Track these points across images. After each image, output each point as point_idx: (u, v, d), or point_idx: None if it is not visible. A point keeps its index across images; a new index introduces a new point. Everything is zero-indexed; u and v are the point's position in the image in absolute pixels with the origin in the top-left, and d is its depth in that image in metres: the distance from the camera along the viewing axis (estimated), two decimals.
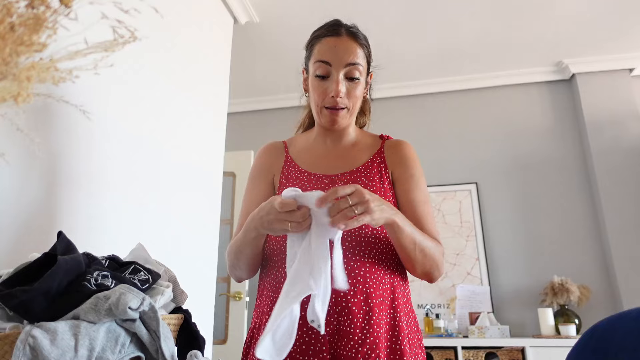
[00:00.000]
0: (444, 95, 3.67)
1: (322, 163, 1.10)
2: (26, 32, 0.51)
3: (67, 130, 1.18)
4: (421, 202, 1.05)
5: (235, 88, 3.49)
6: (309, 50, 1.09)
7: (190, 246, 1.86)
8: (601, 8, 2.79)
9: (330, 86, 1.02)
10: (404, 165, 1.08)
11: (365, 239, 0.96)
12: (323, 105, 1.05)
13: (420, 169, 1.10)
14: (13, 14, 0.50)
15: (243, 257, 1.01)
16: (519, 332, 3.02)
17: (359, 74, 1.03)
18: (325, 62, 1.02)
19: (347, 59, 1.02)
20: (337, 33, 1.04)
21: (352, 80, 1.03)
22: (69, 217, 1.17)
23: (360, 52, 1.04)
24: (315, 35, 1.08)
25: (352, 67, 1.02)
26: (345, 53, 1.02)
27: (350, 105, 1.05)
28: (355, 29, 1.07)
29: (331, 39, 1.03)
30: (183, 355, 0.77)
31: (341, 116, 1.05)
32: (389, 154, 1.10)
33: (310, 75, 1.07)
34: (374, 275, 0.95)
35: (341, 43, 1.03)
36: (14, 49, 0.50)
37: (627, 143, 3.19)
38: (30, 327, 0.55)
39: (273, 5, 2.67)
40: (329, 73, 1.03)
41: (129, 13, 0.63)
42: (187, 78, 1.96)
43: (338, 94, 1.01)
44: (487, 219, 3.32)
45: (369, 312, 0.92)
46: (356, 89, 1.04)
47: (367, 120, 1.24)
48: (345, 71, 1.02)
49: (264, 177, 1.13)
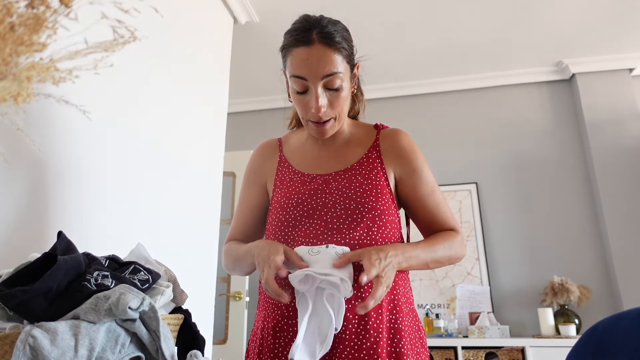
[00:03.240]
0: (444, 95, 3.67)
1: (315, 163, 1.07)
2: (26, 32, 0.51)
3: (67, 130, 1.18)
4: (429, 195, 1.03)
5: (235, 88, 3.49)
6: (283, 58, 0.99)
7: (190, 246, 1.86)
8: (601, 8, 2.79)
9: (311, 101, 0.94)
10: (404, 159, 1.04)
11: (359, 242, 0.94)
12: (307, 119, 0.99)
13: (420, 158, 1.06)
14: (13, 14, 0.50)
15: (239, 269, 1.06)
16: (519, 332, 3.02)
17: (340, 81, 0.94)
18: (299, 77, 0.93)
19: (323, 71, 0.92)
20: (307, 41, 0.92)
21: (333, 90, 0.95)
22: (69, 217, 1.17)
23: (338, 57, 0.93)
24: (285, 43, 0.97)
25: (329, 78, 0.93)
26: (319, 65, 0.91)
27: (336, 114, 0.99)
28: (330, 27, 0.94)
29: (302, 50, 0.92)
30: (183, 355, 0.77)
31: (329, 127, 0.99)
32: (384, 147, 1.05)
33: (289, 87, 1.00)
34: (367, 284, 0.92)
35: (313, 54, 0.91)
36: (14, 49, 0.50)
37: (627, 143, 3.19)
38: (30, 327, 0.55)
39: (273, 5, 2.67)
40: (306, 87, 0.94)
41: (129, 13, 0.63)
42: (186, 78, 1.96)
43: (319, 110, 0.94)
44: (487, 219, 3.32)
45: (364, 317, 0.90)
46: (339, 97, 0.96)
47: (360, 107, 1.16)
48: (323, 83, 0.93)
49: (257, 181, 1.13)
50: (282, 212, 1.01)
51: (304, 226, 0.98)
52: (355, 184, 1.00)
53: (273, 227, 1.03)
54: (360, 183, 1.00)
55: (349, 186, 1.00)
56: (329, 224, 0.96)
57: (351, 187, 0.99)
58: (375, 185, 1.00)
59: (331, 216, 0.97)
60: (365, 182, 1.00)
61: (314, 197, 1.00)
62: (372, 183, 1.00)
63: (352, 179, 1.01)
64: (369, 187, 0.99)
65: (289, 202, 1.01)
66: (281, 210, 1.02)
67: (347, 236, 0.95)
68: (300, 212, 0.99)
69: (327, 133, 1.01)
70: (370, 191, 0.99)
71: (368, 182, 1.00)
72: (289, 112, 1.22)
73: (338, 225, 0.96)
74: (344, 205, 0.97)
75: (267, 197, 1.12)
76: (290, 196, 1.02)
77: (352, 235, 0.95)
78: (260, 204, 1.13)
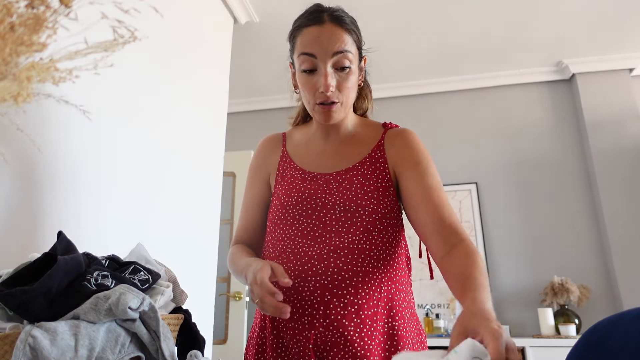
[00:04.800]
0: (444, 95, 3.67)
1: (318, 161, 1.05)
2: (26, 32, 0.51)
3: (67, 130, 1.18)
4: (435, 188, 0.94)
5: (235, 88, 3.49)
6: (292, 43, 0.99)
7: (190, 246, 1.86)
8: (601, 8, 2.79)
9: (319, 80, 0.93)
10: (406, 156, 0.99)
11: (358, 246, 0.92)
12: (315, 102, 0.96)
13: (426, 156, 0.99)
14: (13, 14, 0.50)
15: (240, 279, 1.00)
16: (519, 332, 3.02)
17: (349, 62, 0.93)
18: (309, 54, 0.93)
19: (333, 48, 0.91)
20: (319, 20, 0.93)
21: (342, 70, 0.93)
22: (68, 217, 1.17)
23: (348, 38, 0.94)
24: (295, 25, 0.98)
25: (340, 55, 0.92)
26: (330, 41, 0.91)
27: (343, 99, 0.96)
28: (341, 12, 0.96)
29: (313, 28, 0.93)
30: (183, 355, 0.77)
31: (335, 110, 0.96)
32: (389, 146, 1.01)
33: (297, 70, 0.98)
34: (367, 285, 0.90)
35: (325, 31, 0.92)
36: (14, 49, 0.50)
37: (627, 143, 3.19)
38: (30, 327, 0.55)
39: (273, 5, 2.67)
40: (315, 66, 0.93)
41: (129, 13, 0.63)
42: (187, 78, 1.96)
43: (328, 88, 0.92)
44: (487, 219, 3.32)
45: (359, 324, 0.88)
46: (348, 79, 0.94)
47: (368, 104, 1.13)
48: (333, 61, 0.92)
49: (261, 177, 1.11)
50: (281, 209, 1.00)
51: (301, 225, 0.97)
52: (356, 184, 0.97)
53: (272, 224, 1.02)
54: (361, 184, 0.97)
55: (350, 187, 0.97)
56: (327, 226, 0.95)
57: (352, 188, 0.97)
58: (377, 186, 0.96)
59: (330, 218, 0.95)
60: (367, 184, 0.97)
61: (313, 197, 0.98)
62: (373, 185, 0.97)
63: (354, 179, 0.98)
64: (370, 188, 0.96)
65: (288, 200, 1.00)
66: (281, 207, 1.01)
67: (346, 239, 0.92)
68: (298, 211, 0.98)
69: (332, 117, 0.97)
70: (372, 193, 0.95)
71: (370, 183, 0.97)
72: (293, 111, 1.21)
73: (337, 228, 0.94)
74: (343, 207, 0.95)
75: (270, 192, 1.10)
76: (290, 194, 1.01)
77: (351, 238, 0.92)
78: (266, 200, 1.10)
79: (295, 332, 0.91)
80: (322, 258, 0.92)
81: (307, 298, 0.90)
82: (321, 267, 0.91)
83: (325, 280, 0.90)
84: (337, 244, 0.92)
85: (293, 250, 0.95)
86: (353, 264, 0.91)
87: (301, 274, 0.92)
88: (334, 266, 0.91)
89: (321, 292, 0.90)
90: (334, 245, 0.92)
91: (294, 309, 0.91)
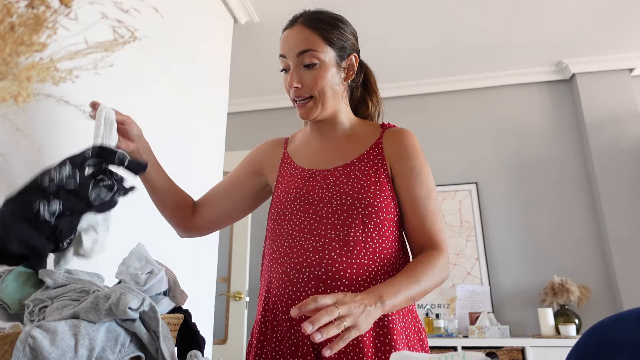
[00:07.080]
0: (444, 95, 3.67)
1: (316, 158, 1.07)
2: (26, 32, 0.51)
3: (67, 130, 1.18)
4: (423, 198, 0.98)
5: (235, 88, 3.49)
6: None
7: (190, 246, 1.86)
8: (601, 8, 2.79)
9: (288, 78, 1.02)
10: (403, 158, 1.01)
11: (353, 239, 0.94)
12: (292, 99, 1.04)
13: (421, 160, 1.03)
14: (13, 14, 0.50)
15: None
16: (519, 332, 3.02)
17: (316, 59, 0.99)
18: (281, 55, 1.03)
19: (297, 48, 1.00)
20: (291, 24, 1.04)
21: (308, 67, 1.00)
22: None
23: (314, 37, 1.00)
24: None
25: (303, 55, 0.99)
26: (294, 43, 1.00)
27: (315, 93, 1.00)
28: (318, 14, 1.03)
29: (286, 31, 1.04)
30: (183, 355, 0.77)
31: (307, 107, 1.02)
32: (387, 145, 1.04)
33: None
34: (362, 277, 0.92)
35: (292, 32, 1.01)
36: (14, 49, 0.50)
37: (627, 143, 3.19)
38: (30, 327, 0.55)
39: (273, 5, 2.67)
40: (288, 66, 1.02)
41: (129, 13, 0.63)
42: (187, 78, 1.96)
43: (292, 85, 1.00)
44: (487, 219, 3.32)
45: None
46: (317, 75, 0.99)
47: (373, 110, 1.19)
48: (298, 60, 1.00)
49: (251, 166, 1.18)
50: (280, 205, 1.03)
51: (298, 220, 0.98)
52: (353, 179, 0.99)
53: (271, 220, 1.05)
54: (358, 179, 0.98)
55: (346, 181, 0.99)
56: (323, 219, 0.96)
57: (349, 182, 0.98)
58: (374, 181, 0.98)
59: (326, 211, 0.96)
60: (364, 178, 0.98)
61: (311, 193, 1.00)
62: (370, 179, 0.98)
63: (351, 174, 1.00)
64: (367, 182, 0.98)
65: (287, 196, 1.03)
66: (279, 204, 1.03)
67: (342, 232, 0.94)
68: (296, 206, 1.00)
69: (307, 113, 1.03)
70: (369, 187, 0.97)
71: (367, 177, 0.98)
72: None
73: (333, 221, 0.95)
74: (340, 200, 0.96)
75: (251, 181, 1.16)
76: (289, 190, 1.03)
77: (346, 230, 0.94)
78: (242, 182, 1.17)
79: (292, 322, 0.92)
80: (317, 250, 0.93)
81: (302, 289, 0.92)
82: (316, 258, 0.93)
83: (319, 272, 0.91)
84: (332, 237, 0.94)
85: (290, 244, 0.97)
86: (348, 256, 0.92)
87: (296, 265, 0.94)
88: (329, 258, 0.92)
89: (315, 283, 0.91)
90: (329, 237, 0.94)
91: (289, 300, 0.93)
